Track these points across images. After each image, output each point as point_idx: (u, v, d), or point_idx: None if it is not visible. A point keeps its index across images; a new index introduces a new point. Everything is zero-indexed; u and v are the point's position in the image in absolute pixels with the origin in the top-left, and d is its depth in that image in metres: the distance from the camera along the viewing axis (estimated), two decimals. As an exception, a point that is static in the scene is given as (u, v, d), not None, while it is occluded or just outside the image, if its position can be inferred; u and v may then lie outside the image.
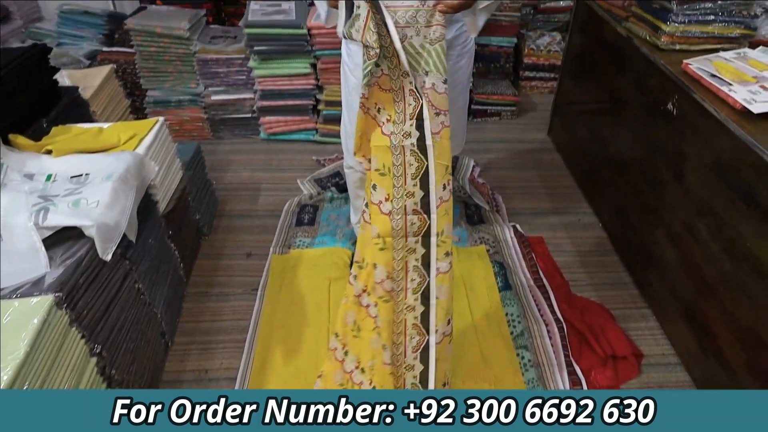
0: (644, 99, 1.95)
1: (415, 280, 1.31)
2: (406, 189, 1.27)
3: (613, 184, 2.22)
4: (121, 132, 1.75)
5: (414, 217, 1.27)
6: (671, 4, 1.75)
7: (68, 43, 3.08)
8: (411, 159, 1.24)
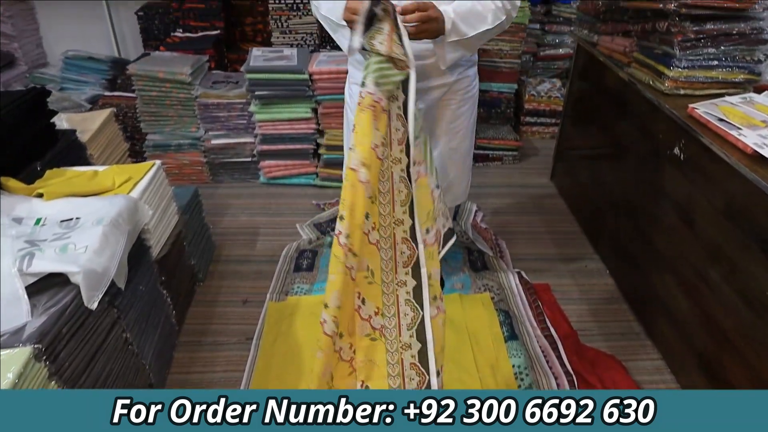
0: (649, 143, 1.92)
1: (408, 315, 1.23)
2: (394, 216, 1.22)
3: (619, 229, 2.17)
4: (117, 175, 1.71)
5: (404, 246, 1.22)
6: (674, 50, 1.75)
7: (71, 88, 3.10)
8: (401, 186, 1.20)
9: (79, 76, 3.12)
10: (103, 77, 3.12)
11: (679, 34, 1.73)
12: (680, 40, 1.73)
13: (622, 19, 2.04)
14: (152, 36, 3.23)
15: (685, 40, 1.73)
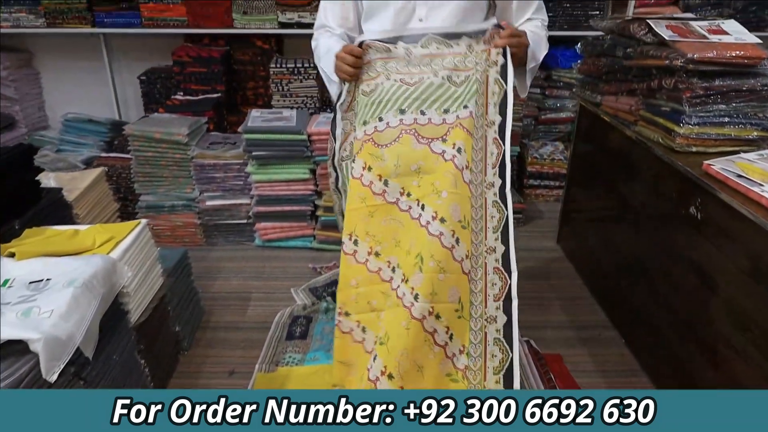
0: (661, 203, 1.83)
1: (497, 357, 1.19)
2: (486, 245, 1.20)
3: (634, 295, 2.03)
4: (98, 234, 1.61)
5: (495, 276, 1.20)
6: (683, 106, 1.68)
7: (69, 150, 3.07)
8: (493, 211, 1.22)
9: (78, 138, 3.10)
10: (101, 139, 3.10)
11: (688, 91, 1.67)
12: (689, 96, 1.67)
13: (625, 78, 2.00)
14: (153, 99, 3.24)
15: (693, 96, 1.67)
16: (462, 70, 1.35)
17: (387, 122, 1.37)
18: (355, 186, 1.35)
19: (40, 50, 3.41)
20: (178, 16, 3.04)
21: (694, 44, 1.68)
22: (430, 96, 1.35)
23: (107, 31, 3.12)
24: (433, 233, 1.22)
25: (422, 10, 1.48)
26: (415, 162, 1.32)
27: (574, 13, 3.11)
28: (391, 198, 1.31)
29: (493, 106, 1.32)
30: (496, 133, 1.30)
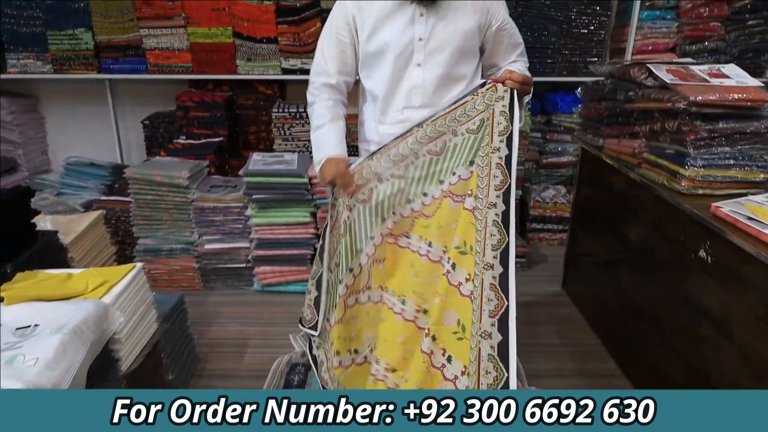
0: (669, 246, 1.79)
1: (491, 374, 1.21)
2: (485, 261, 1.24)
3: (644, 342, 1.96)
4: (91, 278, 1.57)
5: (491, 292, 1.22)
6: (688, 149, 1.67)
7: (69, 193, 3.05)
8: (494, 229, 1.26)
9: (79, 181, 3.09)
10: (102, 183, 3.09)
11: (691, 133, 1.66)
12: (693, 139, 1.66)
13: (627, 122, 2.00)
14: (156, 144, 3.25)
15: (697, 139, 1.66)
16: (475, 116, 1.41)
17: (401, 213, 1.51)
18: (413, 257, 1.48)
19: (46, 95, 3.45)
20: (183, 63, 3.09)
21: (696, 87, 1.68)
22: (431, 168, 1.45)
23: (113, 77, 3.16)
24: (433, 259, 1.35)
25: (420, 56, 1.55)
26: (453, 221, 1.40)
27: (573, 60, 3.16)
28: (435, 258, 1.42)
29: (498, 134, 1.36)
30: (501, 160, 1.34)
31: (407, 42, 1.54)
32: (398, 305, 1.44)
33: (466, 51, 1.58)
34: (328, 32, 1.64)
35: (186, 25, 3.02)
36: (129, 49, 3.09)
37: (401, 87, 1.59)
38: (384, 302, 1.53)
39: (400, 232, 1.49)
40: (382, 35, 1.56)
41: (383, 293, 1.54)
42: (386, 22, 1.55)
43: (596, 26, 3.10)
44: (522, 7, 3.02)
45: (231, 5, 2.97)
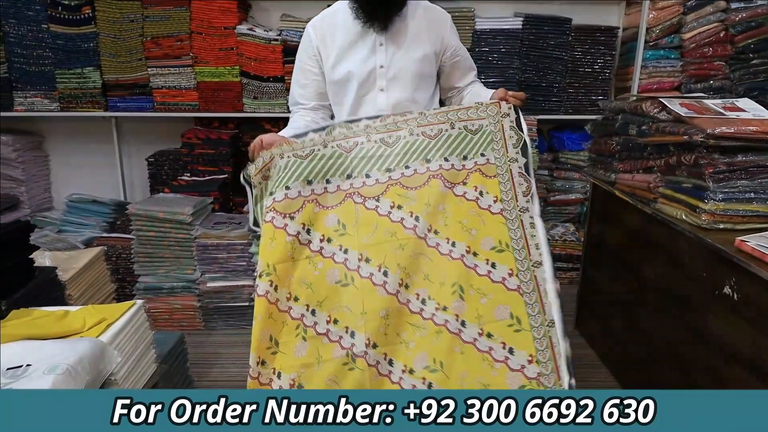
0: (690, 283, 1.72)
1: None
2: (531, 260, 1.36)
3: (668, 386, 1.86)
4: (89, 316, 1.50)
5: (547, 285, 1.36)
6: (707, 183, 1.62)
7: (70, 230, 3.01)
8: (533, 231, 1.40)
9: (81, 218, 3.05)
10: (104, 220, 3.05)
11: (710, 167, 1.62)
12: (711, 172, 1.62)
13: (641, 156, 1.96)
14: (160, 181, 3.22)
15: (716, 172, 1.62)
16: (475, 119, 1.55)
17: (406, 171, 1.52)
18: (385, 222, 1.46)
19: (51, 133, 3.45)
20: (189, 101, 3.10)
21: (712, 120, 1.65)
22: (432, 148, 1.53)
23: (120, 114, 3.17)
24: (468, 265, 1.38)
25: (382, 82, 1.70)
26: (441, 203, 1.46)
27: (579, 98, 3.17)
28: (421, 233, 1.43)
29: (512, 146, 1.52)
30: (521, 168, 1.50)
31: (369, 70, 1.68)
32: (379, 276, 1.38)
33: (424, 76, 1.74)
34: (297, 65, 1.78)
35: (193, 65, 3.04)
36: (136, 88, 3.10)
37: (366, 110, 1.70)
38: (357, 271, 1.41)
39: (369, 194, 1.49)
40: (345, 64, 1.70)
41: (360, 263, 1.41)
42: (349, 52, 1.70)
43: (601, 65, 3.12)
44: (527, 46, 3.05)
45: (239, 45, 3.00)
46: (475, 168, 1.49)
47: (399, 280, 1.38)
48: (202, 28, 2.98)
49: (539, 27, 3.03)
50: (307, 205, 1.47)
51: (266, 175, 1.54)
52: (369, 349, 1.33)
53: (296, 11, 3.08)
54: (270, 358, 1.36)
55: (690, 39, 3.01)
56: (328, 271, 1.42)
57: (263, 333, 1.36)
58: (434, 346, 1.32)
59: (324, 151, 1.51)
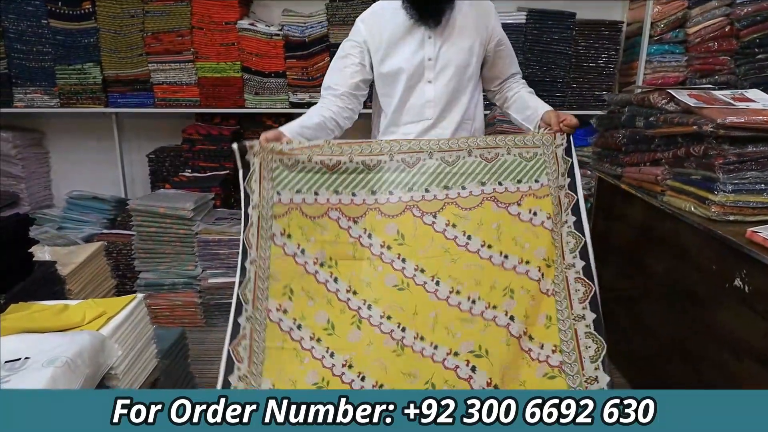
0: (699, 276, 1.69)
1: (591, 347, 1.45)
2: (565, 263, 1.50)
3: (677, 381, 1.84)
4: (89, 309, 1.47)
5: (578, 284, 1.48)
6: (717, 174, 1.60)
7: (70, 228, 2.98)
8: (568, 238, 1.54)
9: (81, 215, 3.02)
10: (105, 217, 3.02)
11: (720, 157, 1.60)
12: (721, 163, 1.59)
13: (648, 149, 1.94)
14: (161, 178, 3.19)
15: (726, 162, 1.59)
16: (530, 147, 1.62)
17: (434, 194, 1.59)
18: (440, 238, 1.55)
19: (51, 130, 3.42)
20: (190, 97, 3.07)
21: (722, 110, 1.63)
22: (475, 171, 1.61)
23: (120, 110, 3.14)
24: (520, 272, 1.52)
25: (430, 74, 1.73)
26: (495, 221, 1.57)
27: (582, 93, 3.14)
28: (473, 249, 1.54)
29: (562, 175, 1.62)
30: (566, 190, 1.61)
31: (418, 63, 1.72)
32: (431, 284, 1.50)
33: (470, 67, 1.77)
34: (339, 53, 1.81)
35: (194, 60, 3.01)
36: (136, 84, 3.07)
37: (415, 101, 1.75)
38: (413, 279, 1.52)
39: (427, 210, 1.57)
40: (395, 58, 1.73)
41: (416, 273, 1.53)
42: (398, 46, 1.73)
43: (605, 60, 3.09)
44: (530, 41, 3.02)
45: (240, 40, 2.97)
46: (529, 192, 1.58)
47: (450, 288, 1.50)
48: (203, 23, 2.95)
49: (543, 21, 3.00)
50: (332, 213, 1.55)
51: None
52: (416, 341, 1.46)
53: (298, 6, 3.05)
54: (325, 338, 1.47)
55: (695, 33, 2.98)
56: (386, 276, 1.52)
57: (319, 314, 1.48)
58: (481, 335, 1.45)
59: (349, 165, 1.57)
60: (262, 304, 1.46)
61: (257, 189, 1.53)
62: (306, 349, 1.45)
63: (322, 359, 1.44)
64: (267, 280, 1.48)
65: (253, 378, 1.39)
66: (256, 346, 1.42)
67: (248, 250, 1.51)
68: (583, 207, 1.56)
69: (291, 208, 1.52)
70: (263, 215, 1.53)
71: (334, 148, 1.56)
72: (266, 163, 1.53)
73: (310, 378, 1.43)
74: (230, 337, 1.39)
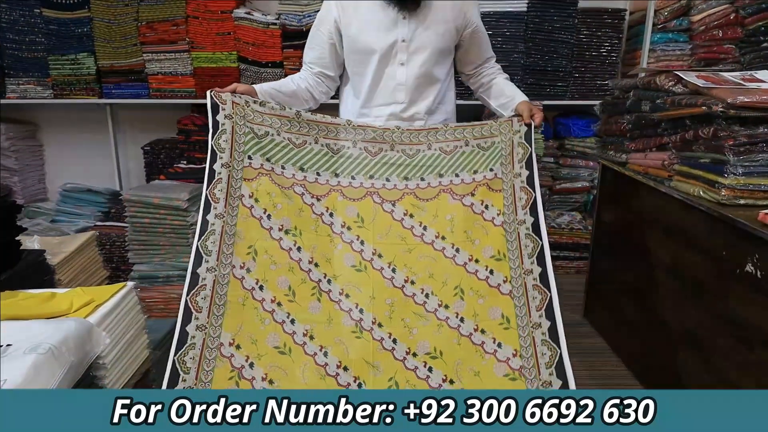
0: (707, 263, 1.64)
1: (546, 354, 1.36)
2: (524, 268, 1.45)
3: (685, 371, 1.78)
4: (77, 297, 1.42)
5: (535, 291, 1.42)
6: (727, 156, 1.55)
7: (64, 220, 2.94)
8: (527, 241, 1.47)
9: (75, 208, 2.98)
10: (99, 209, 2.97)
11: (730, 139, 1.54)
12: (732, 144, 1.54)
13: (654, 133, 1.89)
14: (156, 170, 3.14)
15: (737, 144, 1.54)
16: (488, 137, 1.63)
17: (394, 185, 1.61)
18: (397, 227, 1.57)
19: (45, 122, 3.37)
20: (186, 87, 3.02)
21: (732, 90, 1.58)
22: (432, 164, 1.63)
23: (114, 101, 3.09)
24: (470, 271, 1.50)
25: (403, 56, 1.70)
26: (449, 213, 1.57)
27: (585, 83, 3.08)
28: (428, 240, 1.55)
29: (518, 162, 1.58)
30: (523, 182, 1.55)
31: (391, 43, 1.68)
32: (387, 271, 1.51)
33: (444, 52, 1.74)
34: (311, 31, 1.81)
35: (190, 50, 2.96)
36: (131, 74, 3.02)
37: (386, 84, 1.72)
38: (370, 262, 1.53)
39: (387, 198, 1.59)
40: (367, 37, 1.70)
41: (374, 257, 1.54)
42: (371, 25, 1.69)
43: (608, 49, 3.04)
44: (532, 30, 2.97)
45: (236, 29, 2.92)
46: (483, 181, 1.58)
47: (405, 277, 1.51)
48: (199, 12, 2.90)
49: (544, 9, 2.95)
50: (296, 188, 1.57)
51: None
52: (375, 326, 1.45)
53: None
54: (286, 303, 1.45)
55: (699, 21, 2.93)
56: (345, 255, 1.53)
57: (281, 279, 1.46)
58: (436, 336, 1.45)
59: (314, 147, 1.61)
60: (227, 259, 1.46)
61: (228, 148, 1.56)
62: (267, 311, 1.44)
63: (283, 324, 1.44)
64: (233, 236, 1.49)
65: (212, 329, 1.37)
66: (218, 299, 1.41)
67: (213, 204, 1.53)
68: (540, 208, 1.51)
69: (261, 173, 1.55)
70: (233, 175, 1.54)
71: (302, 124, 1.60)
72: (238, 127, 1.57)
73: (272, 340, 1.42)
74: (188, 287, 1.38)
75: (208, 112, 1.59)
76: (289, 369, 1.39)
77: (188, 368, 1.31)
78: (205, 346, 1.35)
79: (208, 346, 1.36)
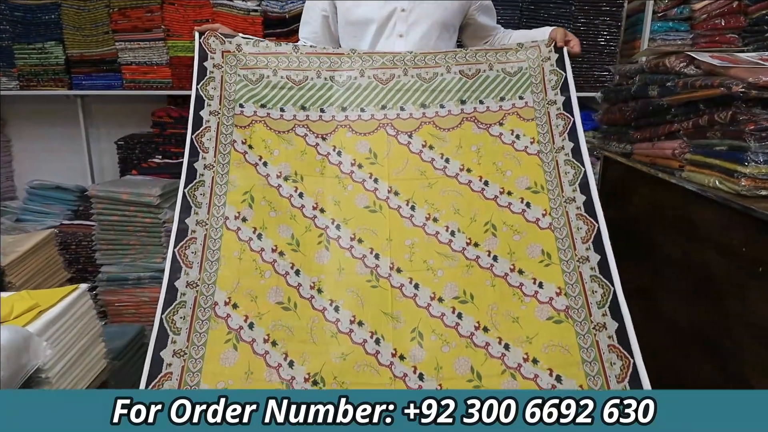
0: (724, 260, 1.50)
1: (597, 292, 1.25)
2: (565, 196, 1.34)
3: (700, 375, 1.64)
4: (18, 302, 1.25)
5: (579, 221, 1.31)
6: (747, 142, 1.40)
7: (30, 219, 2.74)
8: (566, 168, 1.36)
9: (42, 206, 2.79)
10: (68, 208, 2.79)
11: (751, 123, 1.40)
12: (753, 129, 1.39)
13: (663, 120, 1.74)
14: (131, 166, 2.96)
15: (759, 129, 1.39)
16: (514, 62, 1.51)
17: (410, 113, 1.49)
18: (416, 160, 1.46)
19: (12, 115, 3.19)
20: (162, 78, 2.84)
21: (752, 69, 1.43)
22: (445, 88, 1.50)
23: (85, 93, 2.91)
24: (501, 204, 1.38)
25: (402, 27, 1.59)
26: (474, 143, 1.46)
27: (582, 74, 2.95)
28: (451, 173, 1.44)
29: (551, 89, 1.48)
30: (560, 109, 1.44)
31: (389, 13, 1.57)
32: (406, 209, 1.38)
33: (447, 26, 1.63)
34: (306, 3, 1.71)
35: (165, 38, 2.79)
36: (103, 64, 2.84)
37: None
38: (386, 201, 1.41)
39: (403, 129, 1.48)
40: (364, 6, 1.59)
41: (390, 195, 1.41)
42: None
43: (606, 38, 2.91)
44: (527, 17, 2.83)
45: (215, 16, 2.75)
46: (512, 110, 1.47)
47: (426, 215, 1.38)
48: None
49: (540, -4, 2.81)
50: (298, 129, 1.46)
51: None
52: (393, 272, 1.32)
53: (277, -20, 2.84)
54: (290, 253, 1.33)
55: (701, 10, 2.80)
56: (357, 195, 1.41)
57: (282, 228, 1.34)
58: (465, 278, 1.31)
59: (316, 81, 1.48)
60: (219, 211, 1.34)
61: (217, 96, 1.43)
62: (267, 261, 1.30)
63: (286, 275, 1.30)
64: (225, 185, 1.38)
65: (205, 287, 1.24)
66: (210, 254, 1.28)
67: (202, 154, 1.41)
68: (581, 132, 1.39)
69: (254, 120, 1.45)
70: (223, 122, 1.43)
71: (301, 58, 1.48)
72: (228, 76, 1.46)
73: (274, 295, 1.27)
74: (175, 240, 1.26)
75: (194, 56, 1.46)
76: (294, 327, 1.23)
77: (178, 328, 1.17)
78: (197, 305, 1.21)
79: (201, 305, 1.21)
